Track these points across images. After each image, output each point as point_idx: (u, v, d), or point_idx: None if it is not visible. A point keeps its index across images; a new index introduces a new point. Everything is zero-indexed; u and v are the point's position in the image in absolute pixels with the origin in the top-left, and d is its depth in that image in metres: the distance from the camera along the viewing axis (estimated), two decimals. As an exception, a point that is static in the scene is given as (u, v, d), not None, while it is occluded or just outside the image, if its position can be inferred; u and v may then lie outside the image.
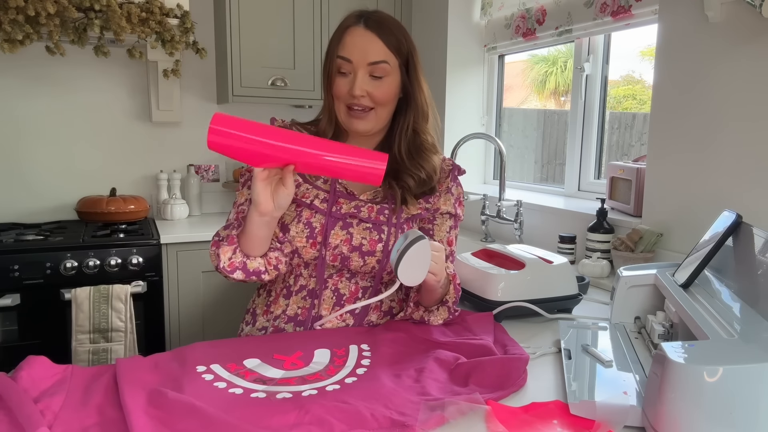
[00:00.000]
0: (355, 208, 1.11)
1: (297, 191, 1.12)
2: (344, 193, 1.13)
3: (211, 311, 2.21)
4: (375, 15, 1.11)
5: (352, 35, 1.08)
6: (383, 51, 1.08)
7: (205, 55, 2.36)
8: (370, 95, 1.08)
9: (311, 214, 1.10)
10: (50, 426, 0.70)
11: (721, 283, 0.95)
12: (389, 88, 1.10)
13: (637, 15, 1.76)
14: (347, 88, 1.08)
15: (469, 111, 2.57)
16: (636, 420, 0.75)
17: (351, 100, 1.08)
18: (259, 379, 0.86)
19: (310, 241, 1.09)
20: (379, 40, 1.08)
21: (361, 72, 1.07)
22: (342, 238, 1.09)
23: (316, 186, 1.13)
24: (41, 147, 2.40)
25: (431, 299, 1.09)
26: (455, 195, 1.19)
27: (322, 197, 1.12)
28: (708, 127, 1.45)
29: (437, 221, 1.17)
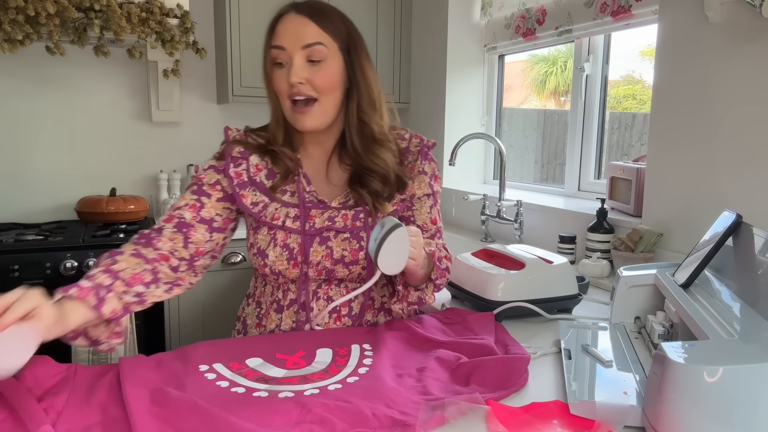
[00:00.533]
0: (329, 220, 1.07)
1: (265, 213, 1.07)
2: (314, 203, 1.09)
3: (211, 311, 2.21)
4: (307, 1, 1.06)
5: (283, 22, 1.03)
6: (317, 32, 1.02)
7: (205, 55, 2.36)
8: (310, 82, 1.02)
9: (286, 236, 1.07)
10: (54, 424, 0.70)
11: (721, 283, 0.95)
12: (329, 72, 1.03)
13: (637, 15, 1.77)
14: (285, 78, 1.02)
15: (469, 111, 2.58)
16: (636, 420, 0.75)
17: (291, 90, 1.02)
18: (262, 378, 0.87)
19: (291, 263, 1.07)
20: (311, 22, 1.02)
21: (296, 57, 1.01)
22: (323, 254, 1.07)
23: (284, 203, 1.09)
24: (41, 147, 2.40)
25: (416, 280, 1.06)
26: (429, 173, 1.15)
27: (293, 215, 1.07)
28: (708, 127, 1.45)
29: (416, 206, 1.14)
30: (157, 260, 1.01)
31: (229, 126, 1.16)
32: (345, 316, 1.11)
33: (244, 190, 1.08)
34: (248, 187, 1.09)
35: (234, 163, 1.09)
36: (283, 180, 1.10)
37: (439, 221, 1.18)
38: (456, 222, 2.46)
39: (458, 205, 2.41)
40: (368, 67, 1.09)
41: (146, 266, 0.99)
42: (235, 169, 1.09)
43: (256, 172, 1.10)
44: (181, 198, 1.09)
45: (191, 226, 1.06)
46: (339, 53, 1.05)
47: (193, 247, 1.06)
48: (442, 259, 1.09)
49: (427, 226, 1.15)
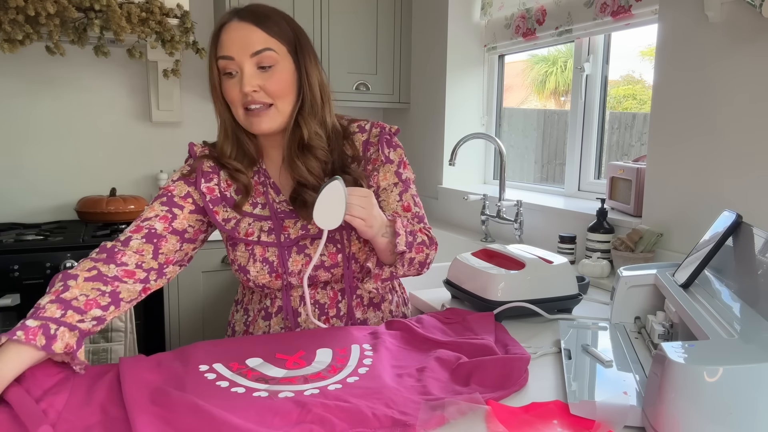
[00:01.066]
0: (302, 229, 1.07)
1: (239, 229, 1.07)
2: (287, 213, 1.08)
3: (211, 311, 2.21)
4: (248, 6, 1.03)
5: (227, 31, 1.01)
6: (264, 38, 1.00)
7: (205, 55, 2.35)
8: (263, 89, 1.00)
9: (264, 250, 1.06)
10: (53, 425, 0.70)
11: (721, 283, 0.95)
12: (281, 76, 1.01)
13: (637, 15, 1.77)
14: (238, 87, 1.00)
15: (469, 111, 2.58)
16: (636, 420, 0.75)
17: (245, 99, 1.00)
18: (261, 378, 0.87)
19: (273, 275, 1.07)
20: (257, 29, 0.99)
21: (247, 66, 0.99)
22: (302, 262, 1.07)
23: (256, 216, 1.08)
24: (41, 147, 2.40)
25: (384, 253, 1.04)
26: (395, 160, 1.12)
27: (267, 228, 1.06)
28: (708, 127, 1.46)
29: (382, 197, 1.12)
30: (118, 278, 0.97)
31: (194, 142, 1.14)
32: (333, 317, 1.12)
33: (216, 206, 1.07)
34: (220, 204, 1.08)
35: (205, 179, 1.08)
36: (246, 196, 1.08)
37: (415, 207, 1.13)
38: (456, 222, 2.46)
39: (458, 205, 2.41)
40: (312, 69, 1.06)
41: (103, 288, 0.94)
42: (206, 185, 1.07)
43: (226, 187, 1.09)
44: (149, 209, 1.06)
45: (162, 237, 1.04)
46: (288, 56, 1.03)
47: (163, 257, 1.04)
48: (416, 233, 1.06)
49: (400, 214, 1.11)
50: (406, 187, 1.13)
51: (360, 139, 1.13)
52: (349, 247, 1.08)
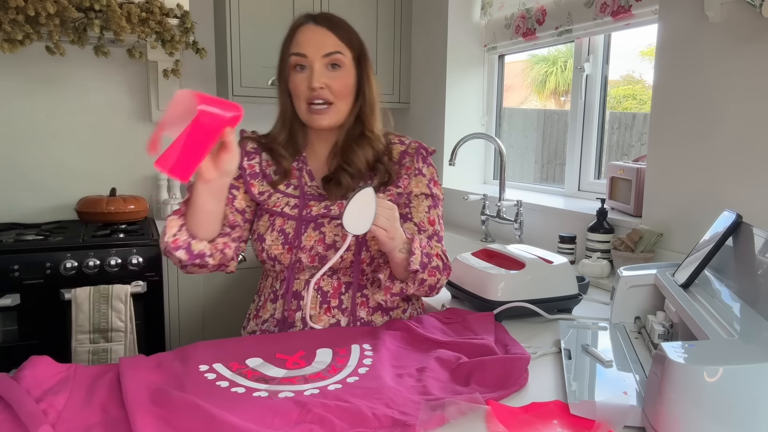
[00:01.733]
0: (325, 209, 1.14)
1: (268, 202, 1.16)
2: (315, 196, 1.16)
3: (211, 311, 2.21)
4: (323, 13, 1.16)
5: (303, 32, 1.12)
6: (336, 42, 1.11)
7: (205, 55, 2.35)
8: (328, 87, 1.11)
9: (284, 221, 1.14)
10: (54, 425, 0.70)
11: (721, 283, 0.95)
12: (346, 79, 1.13)
13: (637, 15, 1.77)
14: (306, 83, 1.10)
15: (469, 111, 2.58)
16: (636, 420, 0.75)
17: (311, 93, 1.10)
18: (262, 379, 0.87)
19: (285, 247, 1.12)
20: (331, 33, 1.12)
21: (317, 64, 1.10)
22: (315, 239, 1.12)
23: (287, 194, 1.16)
24: (41, 147, 2.40)
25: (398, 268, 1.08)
26: (428, 176, 1.20)
27: (292, 204, 1.15)
28: (708, 127, 1.45)
29: (413, 203, 1.19)
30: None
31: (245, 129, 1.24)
32: (335, 308, 1.13)
33: (254, 180, 1.17)
34: (258, 178, 1.18)
35: (248, 157, 1.19)
36: (282, 179, 1.18)
37: (438, 225, 1.20)
38: (456, 222, 2.46)
39: (458, 205, 2.41)
40: (372, 75, 1.18)
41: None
42: (248, 162, 1.18)
43: (266, 166, 1.19)
44: None
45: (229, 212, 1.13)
46: (353, 63, 1.14)
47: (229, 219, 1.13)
48: (432, 257, 1.10)
49: (424, 226, 1.18)
50: (434, 204, 1.20)
51: (398, 148, 1.21)
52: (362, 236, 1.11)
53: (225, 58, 2.39)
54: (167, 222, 1.03)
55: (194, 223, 1.03)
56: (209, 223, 1.05)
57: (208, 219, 1.04)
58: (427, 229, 1.17)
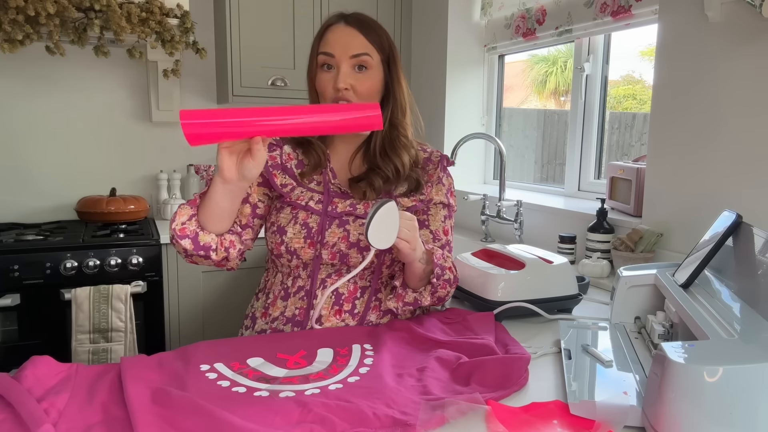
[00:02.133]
0: (350, 206, 1.13)
1: (291, 195, 1.14)
2: (338, 193, 1.15)
3: (211, 311, 2.21)
4: (355, 14, 1.14)
5: (333, 32, 1.12)
6: (364, 44, 1.11)
7: (205, 55, 2.35)
8: (353, 89, 1.10)
9: (307, 216, 1.13)
10: (55, 424, 0.70)
11: (721, 283, 0.95)
12: (372, 81, 1.12)
13: (637, 15, 1.77)
14: (332, 82, 1.10)
15: (469, 111, 2.58)
16: (636, 420, 0.75)
17: (336, 94, 1.10)
18: (263, 378, 0.87)
19: (307, 242, 1.11)
20: (360, 35, 1.11)
21: (344, 65, 1.10)
22: (339, 236, 1.11)
23: (311, 189, 1.15)
24: (41, 147, 2.40)
25: (414, 278, 1.10)
26: (446, 185, 1.23)
27: (317, 199, 1.14)
28: (708, 127, 1.46)
29: (431, 211, 1.20)
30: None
31: None
32: (347, 312, 1.12)
33: (276, 171, 1.16)
34: (279, 170, 1.16)
35: (269, 149, 1.16)
36: (312, 170, 1.17)
37: (450, 235, 1.23)
38: (456, 222, 2.45)
39: (458, 205, 2.41)
40: (403, 79, 1.18)
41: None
42: (270, 153, 1.16)
43: (287, 159, 1.17)
44: None
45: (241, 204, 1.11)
46: (381, 65, 1.13)
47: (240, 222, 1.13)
48: (446, 269, 1.12)
49: (438, 235, 1.20)
50: (449, 214, 1.23)
51: (421, 155, 1.23)
52: None
53: (225, 58, 2.40)
54: (178, 209, 1.03)
55: (206, 216, 1.03)
56: (221, 219, 1.05)
57: (220, 215, 1.04)
58: (441, 239, 1.20)
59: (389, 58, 1.15)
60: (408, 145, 1.18)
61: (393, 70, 1.15)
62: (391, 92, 1.16)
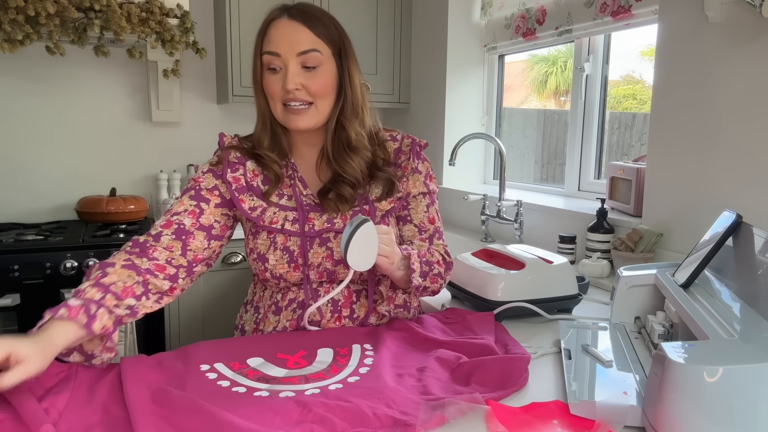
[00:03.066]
0: (328, 222, 1.08)
1: (264, 217, 1.07)
2: (312, 206, 1.09)
3: (211, 311, 2.21)
4: (298, 5, 1.05)
5: (276, 27, 1.03)
6: (312, 39, 1.02)
7: (205, 55, 2.36)
8: (305, 88, 1.03)
9: (286, 239, 1.07)
10: (55, 424, 0.71)
11: (721, 283, 0.95)
12: (324, 78, 1.04)
13: (637, 15, 1.77)
14: (280, 84, 1.03)
15: (469, 111, 2.58)
16: (636, 420, 0.75)
17: (286, 96, 1.03)
18: (263, 378, 0.87)
19: (292, 266, 1.06)
20: (306, 29, 1.02)
21: (292, 64, 1.02)
22: (323, 255, 1.07)
23: (282, 206, 1.08)
24: (41, 147, 2.40)
25: (400, 282, 1.07)
26: (423, 172, 1.15)
27: (291, 218, 1.07)
28: (708, 127, 1.46)
29: (411, 205, 1.14)
30: (150, 271, 0.99)
31: (224, 132, 1.16)
32: (346, 317, 1.10)
33: (242, 194, 1.08)
34: (246, 192, 1.08)
35: (231, 169, 1.09)
36: (275, 185, 1.10)
37: (438, 221, 1.17)
38: (456, 222, 2.46)
39: (458, 205, 2.41)
40: (355, 72, 1.09)
41: (137, 278, 0.96)
42: (232, 174, 1.08)
43: (252, 177, 1.10)
44: (179, 203, 1.07)
45: (190, 233, 1.04)
46: (332, 58, 1.05)
47: (192, 255, 1.04)
48: (433, 264, 1.08)
49: (424, 226, 1.15)
50: (432, 200, 1.16)
51: (392, 146, 1.16)
52: None
53: (225, 58, 2.40)
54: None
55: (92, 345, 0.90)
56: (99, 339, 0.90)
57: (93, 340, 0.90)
58: (428, 229, 1.14)
59: (340, 50, 1.06)
60: (359, 147, 1.09)
61: (344, 63, 1.06)
62: (342, 89, 1.07)
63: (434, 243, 1.14)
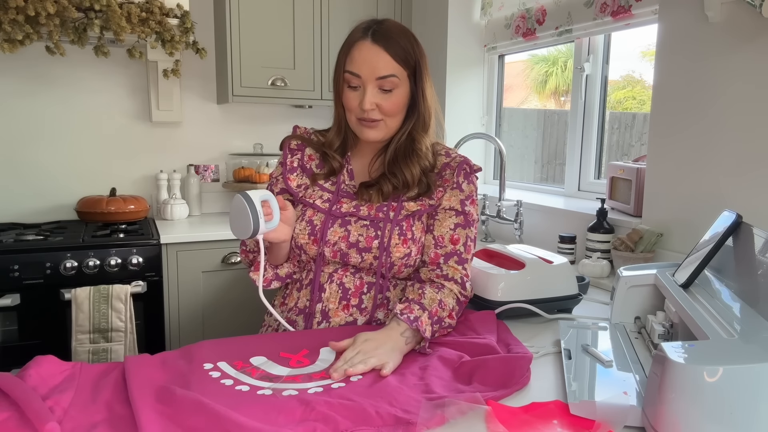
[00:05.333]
0: (355, 207, 1.15)
1: (305, 193, 1.19)
2: (349, 194, 1.18)
3: (211, 311, 2.21)
4: (382, 27, 1.12)
5: (359, 50, 1.10)
6: (391, 65, 1.10)
7: (205, 55, 2.36)
8: (379, 107, 1.11)
9: (313, 213, 1.16)
10: (60, 422, 0.71)
11: (721, 283, 0.95)
12: (398, 99, 1.12)
13: (637, 15, 1.77)
14: (357, 101, 1.11)
15: (469, 111, 2.58)
16: (636, 420, 0.75)
17: (362, 114, 1.12)
18: (266, 377, 0.87)
19: (311, 238, 1.14)
20: (386, 54, 1.09)
21: (370, 86, 1.10)
22: (340, 235, 1.14)
23: (323, 188, 1.19)
24: (41, 147, 2.40)
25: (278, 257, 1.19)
26: (466, 192, 1.15)
27: (325, 198, 1.17)
28: (708, 127, 1.46)
29: (438, 216, 1.15)
30: None
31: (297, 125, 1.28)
32: (354, 306, 1.14)
33: (292, 174, 1.21)
34: (296, 172, 1.21)
35: (291, 153, 1.23)
36: (326, 175, 1.21)
37: (462, 245, 1.13)
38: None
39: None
40: (428, 89, 1.17)
41: None
42: (290, 158, 1.23)
43: (308, 160, 1.22)
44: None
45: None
46: (407, 79, 1.13)
47: None
48: (443, 320, 1.05)
49: (443, 242, 1.13)
50: (466, 223, 1.15)
51: (442, 160, 1.20)
52: (388, 237, 1.12)
53: (225, 58, 2.40)
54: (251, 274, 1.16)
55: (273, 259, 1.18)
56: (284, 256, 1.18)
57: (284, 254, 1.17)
58: (445, 246, 1.12)
59: (415, 71, 1.13)
60: (422, 157, 1.17)
61: (419, 83, 1.14)
62: (416, 105, 1.15)
63: (449, 264, 1.12)
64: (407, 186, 1.15)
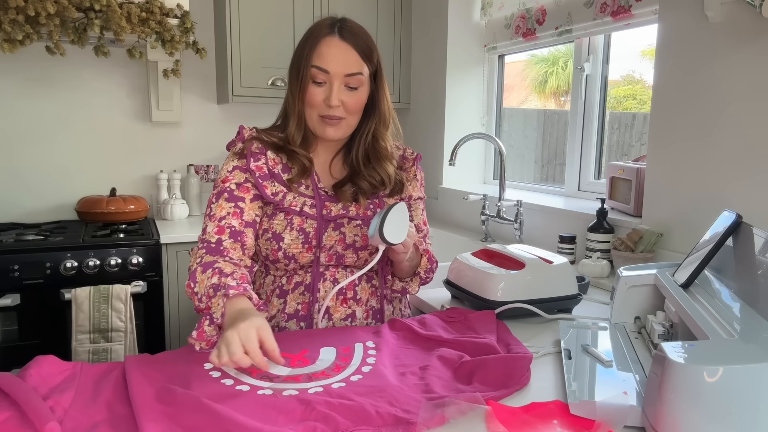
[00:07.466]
0: (343, 209, 1.17)
1: (284, 201, 1.14)
2: (327, 197, 1.17)
3: (211, 311, 2.21)
4: (347, 24, 1.13)
5: (328, 45, 1.10)
6: (359, 62, 1.11)
7: (205, 55, 2.36)
8: (344, 104, 1.11)
9: (302, 221, 1.14)
10: (60, 422, 0.71)
11: (721, 283, 0.95)
12: (362, 97, 1.14)
13: (637, 15, 1.77)
14: (322, 97, 1.10)
15: (469, 111, 2.58)
16: (636, 420, 0.75)
17: (326, 110, 1.11)
18: (266, 377, 0.87)
19: (305, 247, 1.14)
20: (354, 52, 1.10)
21: (337, 83, 1.10)
22: (336, 239, 1.15)
23: (301, 193, 1.16)
24: (41, 147, 2.41)
25: (401, 272, 1.20)
26: (419, 179, 1.29)
27: (310, 203, 1.15)
28: (708, 127, 1.46)
29: (412, 207, 1.26)
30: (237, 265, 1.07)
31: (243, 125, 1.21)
32: (351, 299, 1.17)
33: (265, 181, 1.15)
34: (268, 179, 1.15)
35: (254, 158, 1.16)
36: (299, 175, 1.17)
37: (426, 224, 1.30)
38: (456, 222, 2.47)
39: (458, 205, 2.42)
40: (387, 90, 1.19)
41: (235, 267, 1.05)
42: (255, 164, 1.15)
43: (273, 165, 1.17)
44: (218, 207, 1.12)
45: (241, 232, 1.11)
46: (369, 79, 1.14)
47: (248, 252, 1.12)
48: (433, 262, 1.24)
49: (420, 227, 1.27)
50: (424, 206, 1.31)
51: (397, 154, 1.27)
52: None
53: (225, 58, 2.40)
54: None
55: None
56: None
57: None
58: (423, 230, 1.28)
59: (377, 70, 1.15)
60: (389, 156, 1.21)
61: (379, 82, 1.16)
62: (376, 104, 1.17)
63: (426, 243, 1.26)
64: (384, 184, 1.19)
